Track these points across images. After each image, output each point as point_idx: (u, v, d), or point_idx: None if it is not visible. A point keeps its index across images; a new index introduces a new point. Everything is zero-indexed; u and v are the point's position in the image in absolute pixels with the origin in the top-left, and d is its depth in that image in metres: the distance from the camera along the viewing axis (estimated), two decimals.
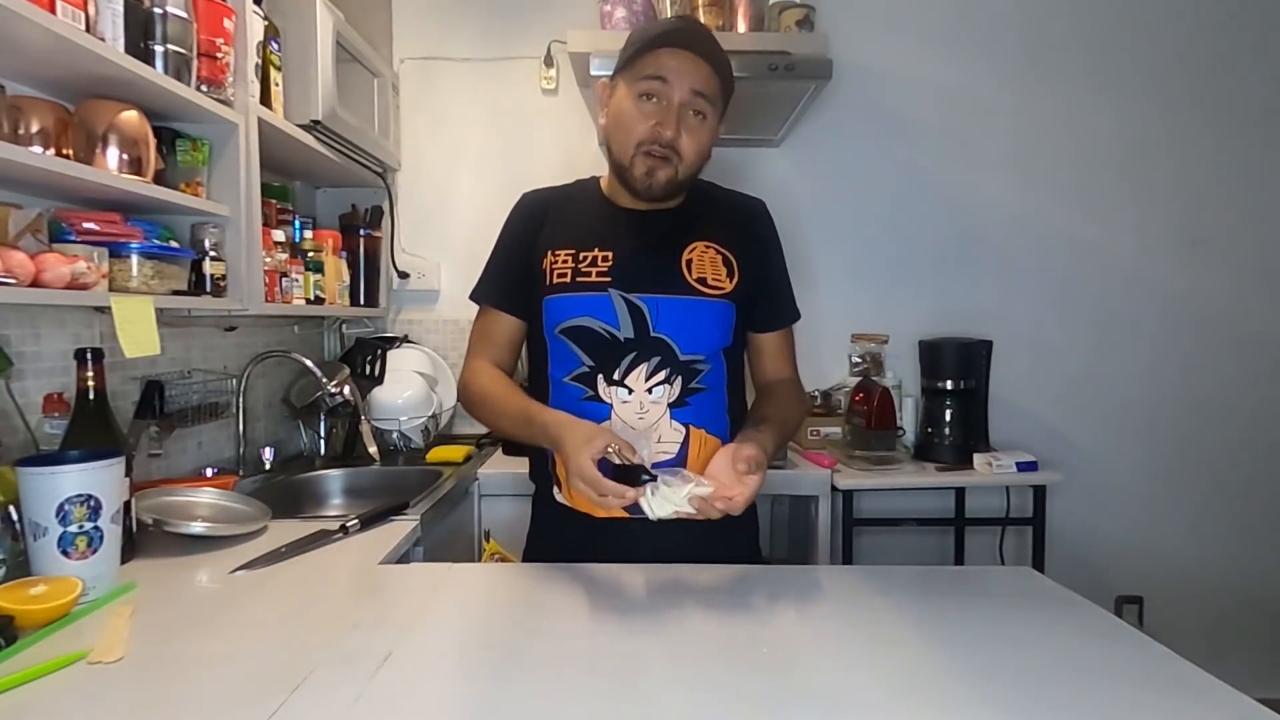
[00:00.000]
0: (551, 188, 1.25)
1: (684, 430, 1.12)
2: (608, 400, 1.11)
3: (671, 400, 1.11)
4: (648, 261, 1.13)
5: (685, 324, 1.12)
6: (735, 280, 1.15)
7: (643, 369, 1.10)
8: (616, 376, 1.10)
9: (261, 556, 1.14)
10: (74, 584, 0.92)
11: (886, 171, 2.41)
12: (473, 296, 1.23)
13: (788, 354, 1.27)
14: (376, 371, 2.14)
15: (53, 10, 1.03)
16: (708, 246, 1.16)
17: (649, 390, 1.10)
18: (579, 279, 1.12)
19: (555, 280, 1.14)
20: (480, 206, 2.39)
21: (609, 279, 1.12)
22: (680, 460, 1.11)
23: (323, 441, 2.03)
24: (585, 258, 1.13)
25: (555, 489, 1.18)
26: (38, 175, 1.09)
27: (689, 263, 1.14)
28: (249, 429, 1.83)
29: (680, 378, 1.12)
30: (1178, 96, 2.40)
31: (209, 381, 1.72)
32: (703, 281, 1.13)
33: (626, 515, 1.08)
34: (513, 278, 1.20)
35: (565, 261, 1.14)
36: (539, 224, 1.19)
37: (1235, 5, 2.38)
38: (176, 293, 1.33)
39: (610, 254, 1.13)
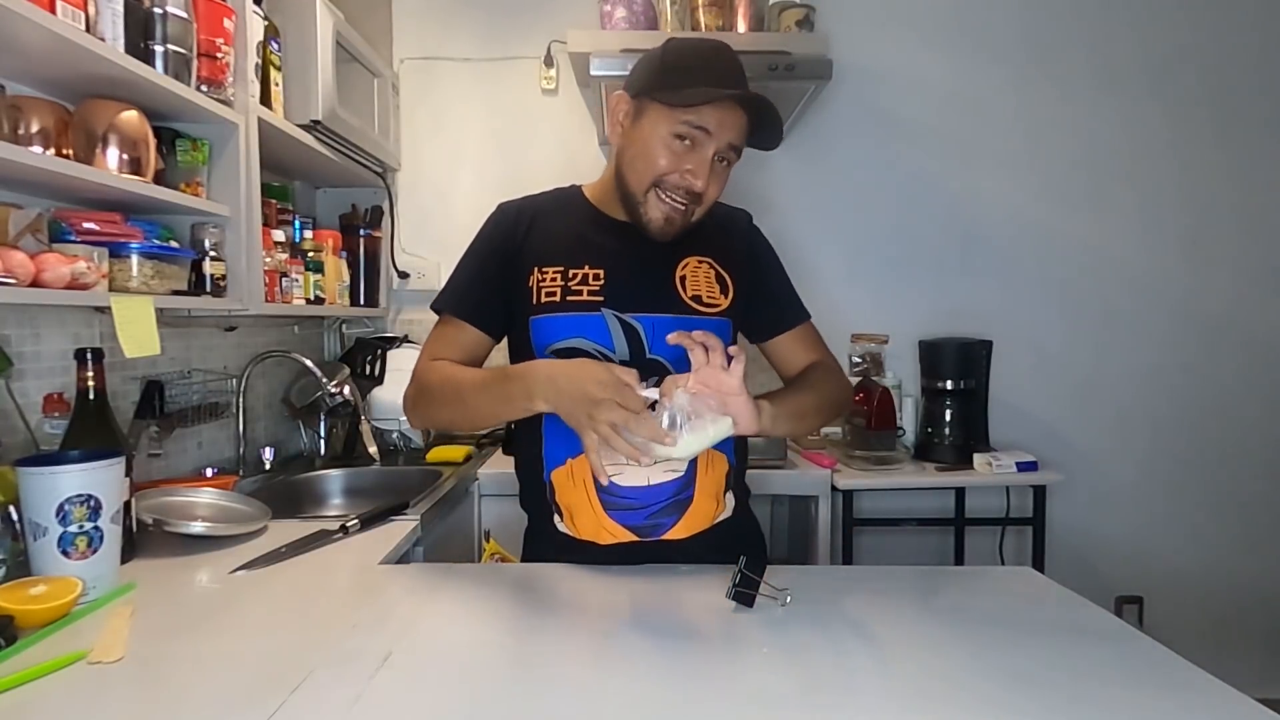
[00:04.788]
0: (529, 197, 1.19)
1: None
2: None
3: None
4: (641, 279, 1.09)
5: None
6: (730, 296, 1.12)
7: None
8: None
9: (261, 556, 1.14)
10: (74, 584, 0.92)
11: (886, 171, 2.40)
12: (434, 306, 1.14)
13: (813, 345, 1.20)
14: (376, 371, 2.14)
15: (53, 10, 1.03)
16: (700, 261, 1.12)
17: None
18: (569, 297, 1.07)
19: (544, 299, 1.08)
20: (480, 206, 2.31)
21: (601, 298, 1.07)
22: (690, 477, 1.07)
23: (323, 441, 2.03)
24: (575, 275, 1.08)
25: (557, 519, 1.10)
26: (38, 175, 1.09)
27: (683, 279, 1.10)
28: (249, 429, 1.84)
29: None
30: (1182, 97, 2.40)
31: (209, 381, 1.72)
32: (698, 299, 1.10)
33: (635, 538, 1.06)
34: (484, 290, 1.12)
35: (554, 279, 1.08)
36: (518, 236, 1.12)
37: (1239, 6, 2.38)
38: (176, 293, 1.33)
39: (601, 271, 1.08)
